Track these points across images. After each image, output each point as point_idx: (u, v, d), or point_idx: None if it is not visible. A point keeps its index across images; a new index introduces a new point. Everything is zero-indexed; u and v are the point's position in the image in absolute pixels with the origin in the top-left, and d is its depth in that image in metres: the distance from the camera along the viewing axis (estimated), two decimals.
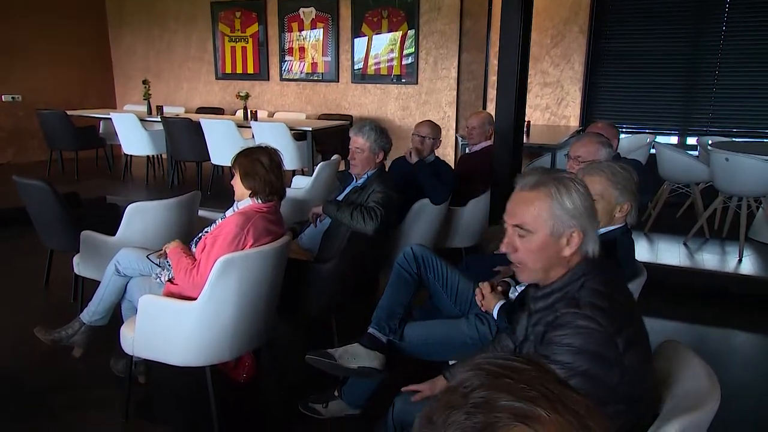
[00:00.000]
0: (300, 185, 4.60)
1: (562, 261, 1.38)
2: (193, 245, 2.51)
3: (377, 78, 7.25)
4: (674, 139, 6.84)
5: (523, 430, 0.59)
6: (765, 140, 6.32)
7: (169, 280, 2.46)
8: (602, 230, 2.01)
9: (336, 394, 2.50)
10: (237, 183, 2.49)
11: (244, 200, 2.47)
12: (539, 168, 1.47)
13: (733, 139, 6.12)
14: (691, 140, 6.62)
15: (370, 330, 2.29)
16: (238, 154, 2.52)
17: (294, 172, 5.91)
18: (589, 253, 1.39)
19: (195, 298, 2.25)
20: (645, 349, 1.35)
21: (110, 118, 6.73)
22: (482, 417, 0.60)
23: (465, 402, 0.62)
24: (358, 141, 3.00)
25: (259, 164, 2.46)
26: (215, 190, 6.27)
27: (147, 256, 2.62)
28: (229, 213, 2.53)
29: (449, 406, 0.63)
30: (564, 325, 1.27)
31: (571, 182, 1.39)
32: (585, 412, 0.63)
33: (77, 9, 8.27)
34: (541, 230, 1.37)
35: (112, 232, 3.17)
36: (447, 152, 6.95)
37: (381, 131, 3.04)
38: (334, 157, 4.85)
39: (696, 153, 5.83)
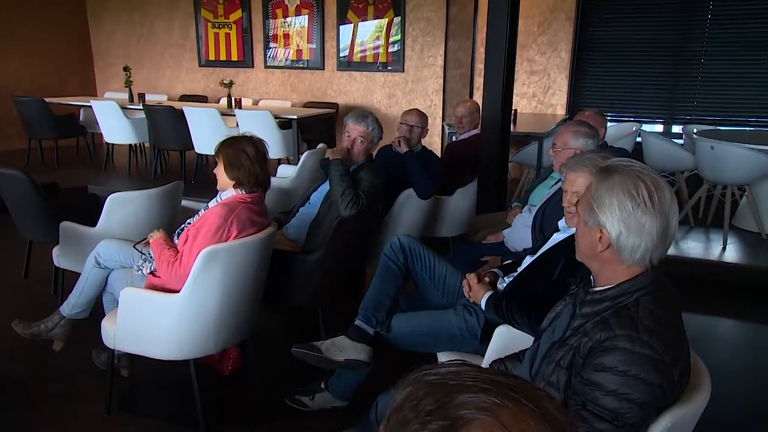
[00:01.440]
0: (285, 174, 4.55)
1: (606, 262, 1.30)
2: (176, 237, 2.46)
3: (363, 66, 7.17)
4: (660, 128, 6.87)
5: (485, 422, 0.57)
6: (749, 128, 6.37)
7: (152, 273, 2.40)
8: None
9: (322, 386, 2.47)
10: (220, 172, 2.43)
11: (228, 191, 2.42)
12: (632, 162, 1.36)
13: (718, 128, 6.15)
14: (677, 128, 6.66)
15: (357, 322, 2.26)
16: (222, 142, 2.46)
17: (279, 161, 5.85)
18: (643, 265, 1.29)
19: (178, 291, 2.21)
20: (688, 374, 1.30)
21: (90, 106, 6.59)
22: (440, 422, 0.58)
23: (417, 413, 0.59)
24: (361, 129, 2.94)
25: (244, 154, 2.40)
26: (199, 179, 6.18)
27: (134, 246, 2.55)
28: (212, 204, 2.47)
29: (402, 424, 0.60)
30: (618, 349, 1.19)
31: (629, 180, 1.25)
32: (537, 395, 0.61)
33: None
34: (581, 215, 1.35)
35: (94, 222, 3.11)
36: (434, 141, 6.90)
37: (379, 122, 3.02)
38: (320, 145, 4.79)
39: (681, 141, 5.86)
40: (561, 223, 2.19)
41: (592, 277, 1.39)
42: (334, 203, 2.80)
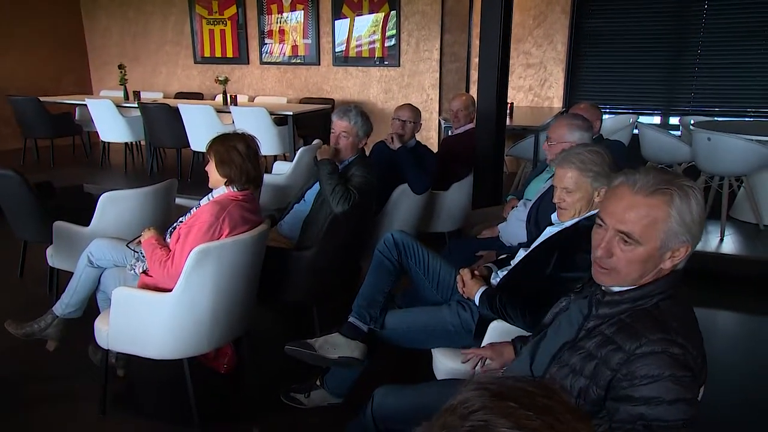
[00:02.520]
0: (281, 171, 4.53)
1: (656, 272, 1.27)
2: (168, 235, 2.44)
3: (359, 60, 7.14)
4: (657, 119, 6.85)
5: None
6: (747, 119, 6.35)
7: (144, 272, 2.39)
8: (587, 214, 1.98)
9: (318, 383, 2.46)
10: (212, 170, 2.42)
11: (219, 188, 2.40)
12: (656, 168, 1.30)
13: (715, 119, 6.13)
14: (674, 120, 6.63)
15: (351, 319, 2.25)
16: (214, 140, 2.45)
17: (276, 158, 5.83)
18: (679, 267, 1.27)
19: (170, 290, 2.20)
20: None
21: (86, 105, 6.56)
22: None
23: (462, 424, 0.59)
24: (345, 125, 2.92)
25: (236, 152, 2.39)
26: (196, 176, 6.16)
27: (127, 245, 2.54)
28: (204, 202, 2.46)
29: (445, 427, 0.60)
30: (657, 354, 1.15)
31: (691, 190, 1.23)
32: None
33: None
34: (650, 243, 1.23)
35: (89, 222, 3.09)
36: (430, 135, 6.89)
37: (365, 116, 2.98)
38: (316, 141, 4.77)
39: (678, 133, 5.84)
40: (554, 217, 2.18)
41: None
42: (326, 200, 2.79)
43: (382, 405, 1.73)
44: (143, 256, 2.40)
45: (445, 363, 2.11)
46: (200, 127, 5.77)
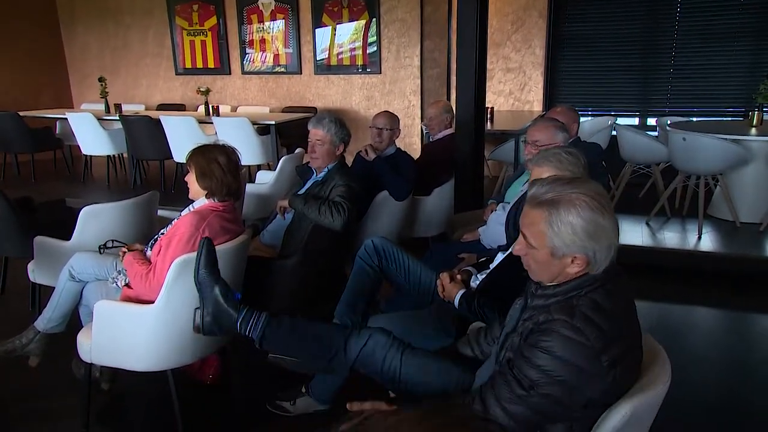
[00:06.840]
0: (264, 180, 4.54)
1: (570, 274, 1.35)
2: (149, 247, 2.45)
3: (341, 68, 7.18)
4: (636, 121, 6.96)
5: None
6: (721, 119, 6.47)
7: (126, 284, 2.40)
8: None
9: (303, 390, 2.48)
10: (192, 181, 2.43)
11: (200, 199, 2.42)
12: (558, 180, 1.37)
13: (691, 119, 6.25)
14: (652, 121, 6.74)
15: None
16: (194, 151, 2.46)
17: (259, 167, 5.84)
18: (598, 271, 1.34)
19: (153, 302, 2.20)
20: (636, 362, 1.34)
21: (66, 118, 6.53)
22: None
23: None
24: (318, 133, 2.95)
25: (216, 164, 2.40)
26: (179, 188, 6.15)
27: (99, 248, 2.54)
28: (184, 213, 2.47)
29: None
30: (551, 331, 1.26)
31: (573, 204, 1.29)
32: None
33: (26, 4, 7.98)
34: (542, 249, 1.34)
35: (70, 236, 3.08)
36: (414, 141, 6.94)
37: (341, 123, 3.00)
38: (298, 150, 4.79)
39: (656, 133, 5.94)
40: None
41: None
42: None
43: None
44: (125, 269, 2.41)
45: None
46: (182, 139, 5.77)
